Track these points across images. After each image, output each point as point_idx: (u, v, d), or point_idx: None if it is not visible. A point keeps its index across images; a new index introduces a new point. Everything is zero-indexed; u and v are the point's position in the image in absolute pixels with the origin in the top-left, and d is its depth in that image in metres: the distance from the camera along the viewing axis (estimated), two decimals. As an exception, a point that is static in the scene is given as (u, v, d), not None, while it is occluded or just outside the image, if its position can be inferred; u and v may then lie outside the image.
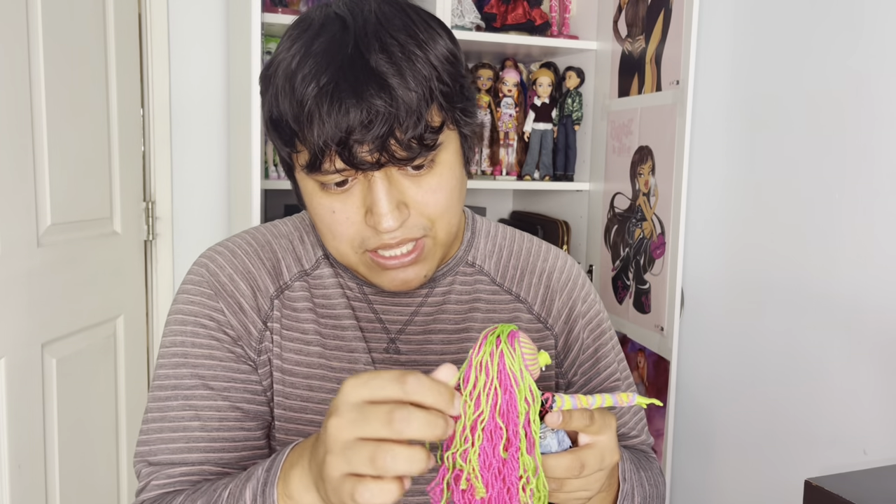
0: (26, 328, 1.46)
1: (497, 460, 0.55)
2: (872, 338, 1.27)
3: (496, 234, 0.88)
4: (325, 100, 0.65)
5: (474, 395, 0.55)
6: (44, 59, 1.47)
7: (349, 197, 0.70)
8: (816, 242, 1.37)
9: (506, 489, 0.55)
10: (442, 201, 0.71)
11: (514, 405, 0.55)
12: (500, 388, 0.55)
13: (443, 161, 0.71)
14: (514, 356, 0.55)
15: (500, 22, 1.95)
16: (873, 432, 1.27)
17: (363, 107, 0.64)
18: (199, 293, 0.78)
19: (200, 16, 2.00)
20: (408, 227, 0.70)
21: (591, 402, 0.59)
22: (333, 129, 0.65)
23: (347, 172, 0.68)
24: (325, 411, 0.76)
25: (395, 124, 0.65)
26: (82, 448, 1.64)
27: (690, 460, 1.72)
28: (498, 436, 0.55)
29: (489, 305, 0.84)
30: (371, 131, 0.64)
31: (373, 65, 0.65)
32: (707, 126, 1.63)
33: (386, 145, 0.66)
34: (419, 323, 0.81)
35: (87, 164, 1.67)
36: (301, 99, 0.66)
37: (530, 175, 2.02)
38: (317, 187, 0.71)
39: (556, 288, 0.86)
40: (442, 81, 0.68)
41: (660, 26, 1.67)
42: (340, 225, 0.71)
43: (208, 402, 0.75)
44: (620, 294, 1.84)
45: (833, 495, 0.93)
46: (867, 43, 1.27)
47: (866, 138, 1.28)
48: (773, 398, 1.47)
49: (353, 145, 0.65)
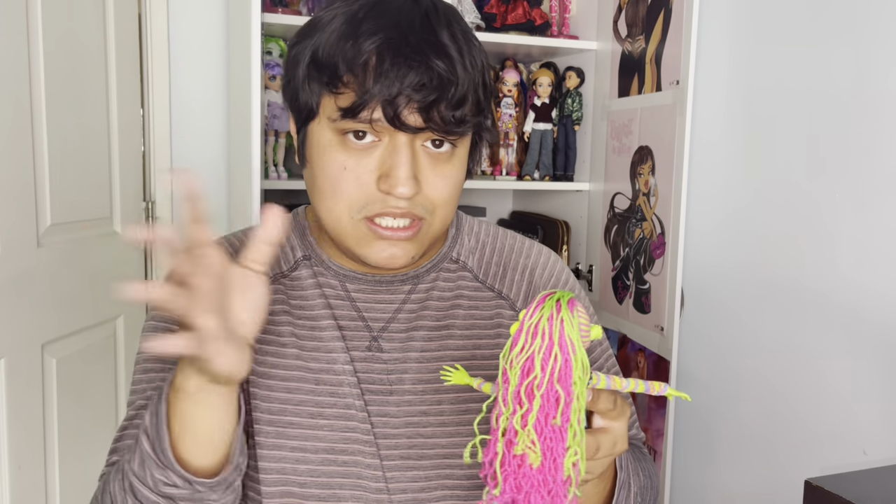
0: (26, 328, 1.46)
1: (548, 428, 0.53)
2: (872, 338, 1.27)
3: (480, 231, 0.88)
4: (388, 52, 0.68)
5: (522, 357, 0.53)
6: (44, 59, 1.47)
7: (365, 157, 0.71)
8: (817, 242, 1.37)
9: (552, 459, 0.53)
10: (449, 190, 0.74)
11: (569, 373, 0.53)
12: (560, 353, 0.52)
13: (459, 154, 0.74)
14: (573, 323, 0.53)
15: (500, 22, 1.95)
16: (873, 432, 1.27)
17: (424, 68, 0.68)
18: None
19: (200, 16, 2.00)
20: (414, 203, 0.72)
21: (625, 385, 0.58)
22: (392, 81, 0.67)
23: (379, 126, 0.70)
24: (304, 412, 0.77)
25: (447, 94, 0.69)
26: (82, 448, 1.64)
27: (690, 460, 1.72)
28: (554, 402, 0.52)
29: (471, 302, 0.83)
30: (423, 92, 0.68)
31: (440, 37, 0.70)
32: (707, 126, 1.63)
33: (431, 111, 0.69)
34: (402, 320, 0.81)
35: (87, 164, 1.67)
36: (364, 45, 0.69)
37: (530, 175, 2.02)
38: (334, 140, 0.72)
39: (538, 285, 0.86)
40: (483, 83, 0.73)
41: (660, 26, 1.67)
42: (348, 183, 0.71)
43: None
44: (620, 294, 1.84)
45: (833, 495, 0.93)
46: (867, 42, 1.27)
47: (866, 137, 1.28)
48: (773, 398, 1.47)
49: (399, 104, 0.68)
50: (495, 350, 0.83)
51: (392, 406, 0.78)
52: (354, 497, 0.76)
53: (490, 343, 0.83)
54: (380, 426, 0.78)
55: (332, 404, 0.77)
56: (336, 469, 0.76)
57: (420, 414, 0.79)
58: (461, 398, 0.80)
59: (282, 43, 1.78)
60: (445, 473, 0.78)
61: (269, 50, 1.76)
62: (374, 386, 0.78)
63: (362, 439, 0.77)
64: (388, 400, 0.78)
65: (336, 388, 0.77)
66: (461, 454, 0.79)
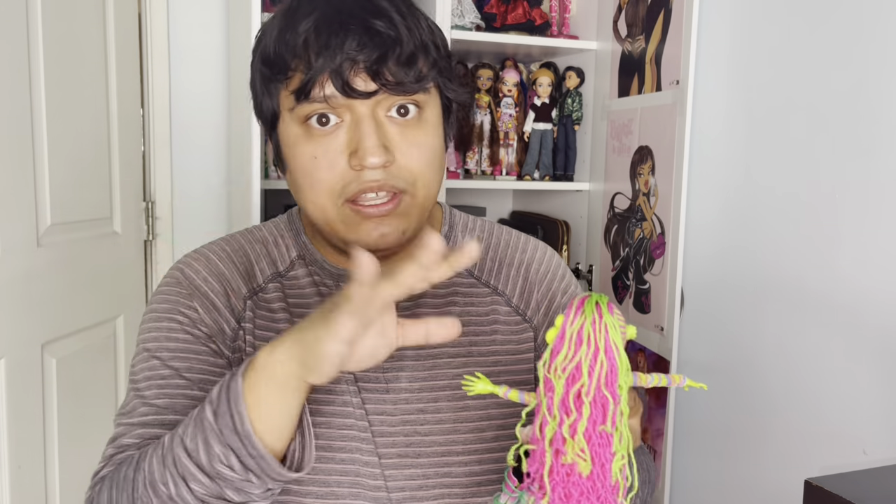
0: (26, 328, 1.46)
1: (596, 435, 0.52)
2: (872, 338, 1.27)
3: (474, 227, 0.88)
4: (325, 26, 0.68)
5: (569, 365, 0.52)
6: (44, 59, 1.47)
7: (332, 141, 0.71)
8: (816, 242, 1.37)
9: (600, 465, 0.53)
10: (424, 157, 0.73)
11: (615, 378, 0.52)
12: (607, 359, 0.52)
13: (427, 119, 0.74)
14: (617, 328, 0.52)
15: (500, 22, 1.95)
16: (873, 432, 1.27)
17: (363, 29, 0.68)
18: (175, 293, 0.79)
19: (200, 16, 2.00)
20: (390, 174, 0.71)
21: (650, 380, 0.58)
22: (333, 51, 0.68)
23: (335, 103, 0.70)
24: None
25: (392, 51, 0.68)
26: (82, 448, 1.64)
27: (690, 460, 1.72)
28: (604, 408, 0.52)
29: (466, 299, 0.83)
30: (366, 52, 0.68)
31: (377, 3, 0.70)
32: (707, 126, 1.63)
33: (379, 70, 0.69)
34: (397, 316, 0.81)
35: (87, 164, 1.67)
36: (301, 27, 0.69)
37: (530, 175, 2.02)
38: (300, 133, 0.72)
39: (534, 280, 0.86)
40: (434, 43, 0.73)
41: (660, 26, 1.67)
42: (322, 171, 0.72)
43: (184, 391, 0.75)
44: (620, 294, 1.84)
45: (833, 495, 0.93)
46: (867, 42, 1.27)
47: (866, 137, 1.28)
48: (772, 398, 1.47)
49: (345, 69, 0.68)
50: (491, 346, 0.83)
51: (389, 404, 0.78)
52: (352, 495, 0.76)
53: (486, 339, 0.83)
54: (377, 424, 0.78)
55: (330, 402, 0.77)
56: (334, 467, 0.76)
57: (417, 412, 0.79)
58: (458, 395, 0.80)
59: (282, 43, 1.78)
60: (443, 472, 0.78)
61: (269, 50, 1.75)
62: (371, 384, 0.78)
63: (360, 437, 0.77)
64: (385, 398, 0.78)
65: (333, 386, 0.77)
66: (459, 452, 0.79)
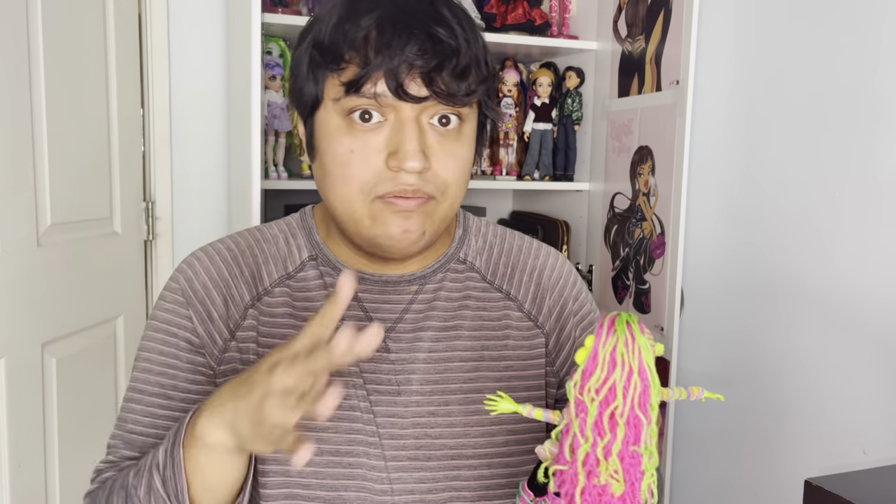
0: (26, 328, 1.46)
1: (628, 455, 0.53)
2: (872, 337, 1.27)
3: (487, 232, 0.88)
4: (388, 24, 0.68)
5: (603, 387, 0.52)
6: (44, 59, 1.47)
7: (372, 138, 0.71)
8: (816, 242, 1.37)
9: (631, 484, 0.53)
10: (458, 168, 0.74)
11: (647, 399, 0.53)
12: (640, 380, 0.52)
13: (465, 132, 0.74)
14: (650, 349, 0.52)
15: (500, 22, 1.95)
16: (873, 432, 1.27)
17: (426, 35, 0.68)
18: (173, 300, 0.80)
19: (200, 16, 2.00)
20: (425, 180, 0.72)
21: (671, 394, 0.58)
22: (394, 51, 0.68)
23: (383, 101, 0.70)
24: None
25: (450, 61, 0.69)
26: (82, 448, 1.63)
27: (690, 460, 1.72)
28: (636, 429, 0.52)
29: (479, 303, 0.83)
30: (425, 58, 0.68)
31: (440, 10, 0.70)
32: (707, 126, 1.63)
33: (434, 79, 0.69)
34: (409, 320, 0.80)
35: (87, 164, 1.67)
36: (363, 21, 0.69)
37: (530, 175, 2.02)
38: (341, 125, 0.72)
39: (546, 286, 0.86)
40: (486, 60, 0.74)
41: (660, 26, 1.67)
42: (356, 167, 0.71)
43: (165, 411, 0.78)
44: (620, 294, 1.84)
45: (833, 495, 0.93)
46: (867, 42, 1.27)
47: (867, 137, 1.28)
48: (772, 398, 1.47)
49: (402, 72, 0.68)
50: (503, 351, 0.83)
51: (400, 406, 0.78)
52: (359, 499, 0.76)
53: (498, 344, 0.83)
54: (387, 427, 0.77)
55: (337, 406, 0.77)
56: (341, 471, 0.76)
57: (428, 415, 0.79)
58: (469, 399, 0.80)
59: (282, 43, 1.78)
60: (453, 475, 0.78)
61: (269, 50, 1.75)
62: (382, 387, 0.78)
63: (367, 441, 0.77)
64: (396, 400, 0.78)
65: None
66: (469, 455, 0.79)
